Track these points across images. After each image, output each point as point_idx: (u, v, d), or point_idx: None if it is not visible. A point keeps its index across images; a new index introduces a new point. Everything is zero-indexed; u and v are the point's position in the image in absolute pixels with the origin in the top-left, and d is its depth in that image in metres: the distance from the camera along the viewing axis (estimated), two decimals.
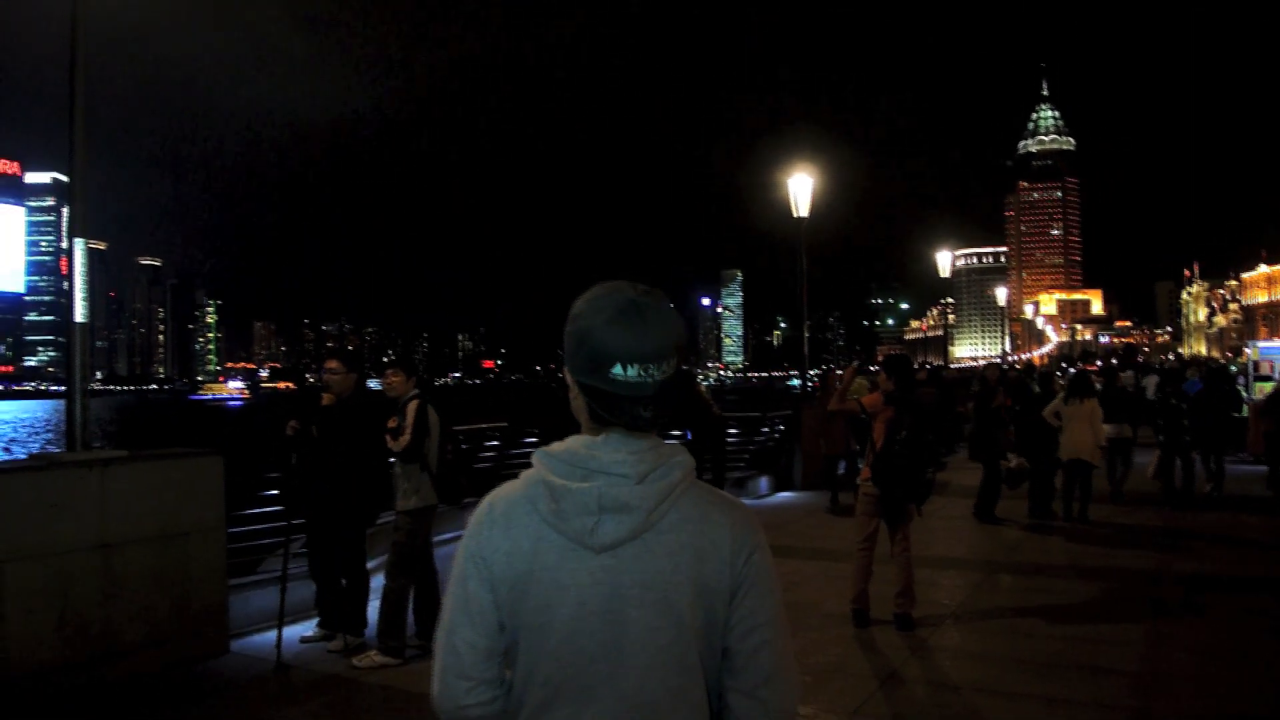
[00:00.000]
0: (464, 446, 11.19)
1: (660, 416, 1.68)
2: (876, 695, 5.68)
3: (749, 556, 1.69)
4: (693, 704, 1.67)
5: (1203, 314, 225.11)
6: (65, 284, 6.55)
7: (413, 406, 6.48)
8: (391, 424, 6.50)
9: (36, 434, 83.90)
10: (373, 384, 7.46)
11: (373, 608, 6.66)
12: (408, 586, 6.51)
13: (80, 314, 6.19)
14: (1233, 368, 29.70)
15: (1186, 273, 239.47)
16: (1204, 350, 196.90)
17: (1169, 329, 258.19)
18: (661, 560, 1.65)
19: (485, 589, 1.67)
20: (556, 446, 1.71)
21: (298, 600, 7.05)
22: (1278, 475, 13.14)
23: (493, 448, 12.53)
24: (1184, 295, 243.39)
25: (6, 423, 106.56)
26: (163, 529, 6.24)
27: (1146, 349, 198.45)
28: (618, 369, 1.63)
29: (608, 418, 1.67)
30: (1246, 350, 21.63)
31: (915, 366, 10.24)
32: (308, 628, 6.96)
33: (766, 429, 16.79)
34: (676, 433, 12.65)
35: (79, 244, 6.17)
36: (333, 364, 6.93)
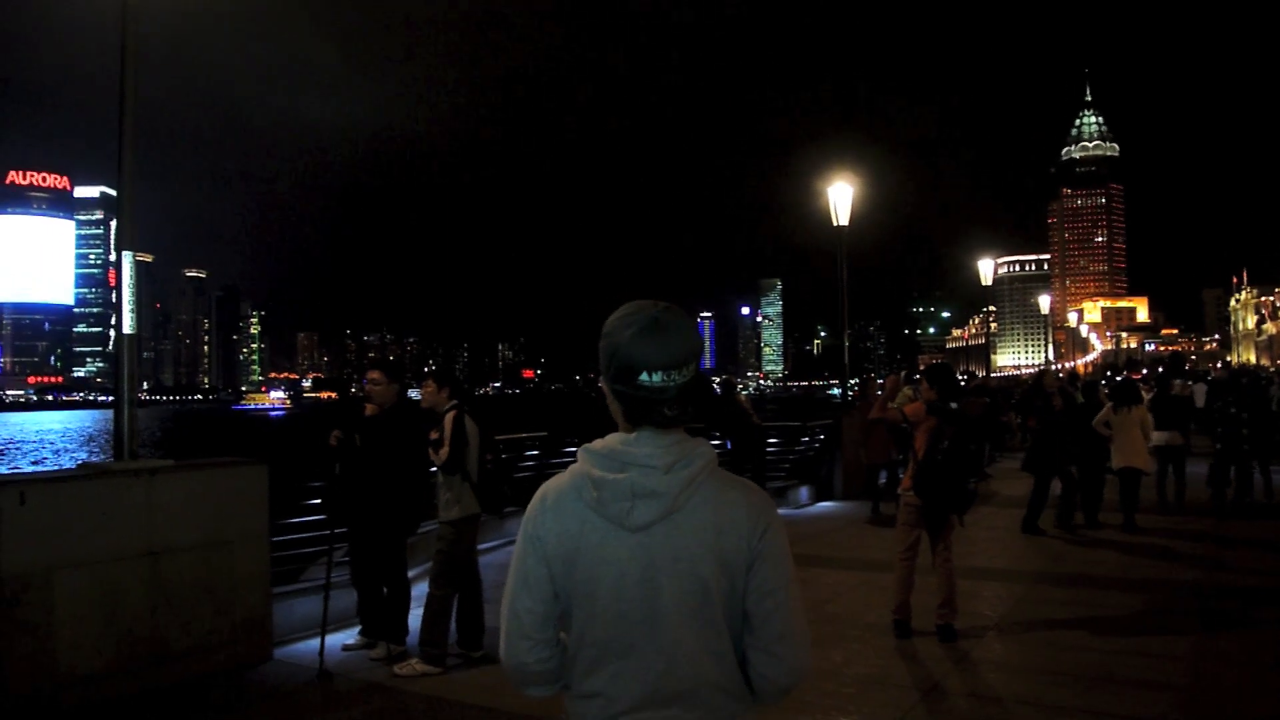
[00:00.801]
0: (504, 456, 11.26)
1: (683, 414, 1.99)
2: (918, 707, 5.63)
3: (763, 533, 2.00)
4: (719, 657, 1.99)
5: (1252, 321, 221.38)
6: (113, 296, 6.66)
7: (450, 418, 6.53)
8: (433, 435, 6.56)
9: (85, 443, 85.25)
10: (414, 394, 7.53)
11: (414, 616, 6.71)
12: (451, 595, 6.55)
13: (128, 325, 6.30)
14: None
15: (1235, 279, 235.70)
16: (1253, 358, 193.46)
17: (1216, 337, 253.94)
18: (688, 537, 1.96)
19: (541, 565, 2.01)
20: (597, 444, 2.02)
21: (340, 608, 7.13)
22: None
23: (532, 457, 12.59)
24: (1232, 302, 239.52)
25: (56, 432, 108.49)
26: (208, 537, 6.34)
27: (1194, 357, 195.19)
28: (644, 376, 1.95)
29: (638, 418, 1.99)
30: None
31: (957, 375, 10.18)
32: (350, 635, 7.03)
33: (807, 438, 16.72)
34: (716, 442, 12.64)
35: (127, 257, 6.28)
36: (375, 374, 7.00)
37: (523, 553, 2.04)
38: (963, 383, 27.84)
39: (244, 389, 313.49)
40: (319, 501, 8.16)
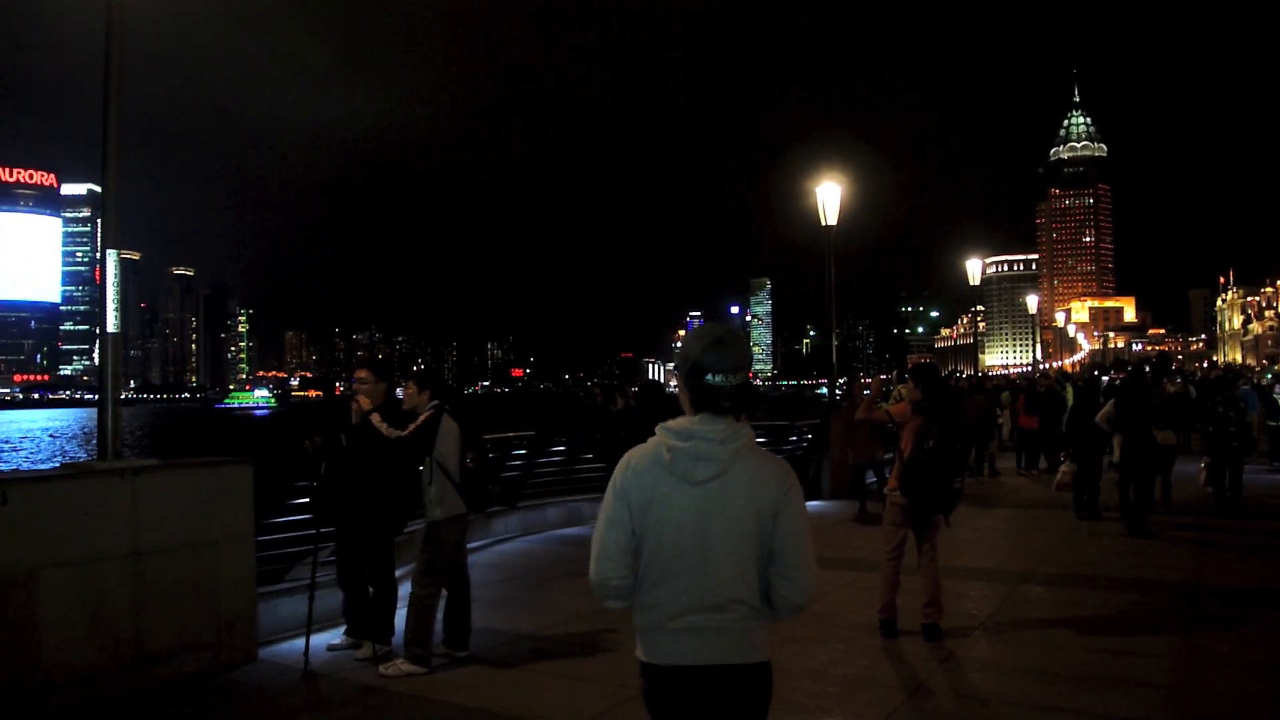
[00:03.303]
0: (491, 455, 11.24)
1: (736, 406, 2.79)
2: (904, 707, 5.64)
3: (787, 491, 2.80)
4: (747, 581, 2.76)
5: (1238, 321, 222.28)
6: (100, 294, 6.61)
7: (424, 416, 6.55)
8: (405, 431, 6.57)
9: (70, 442, 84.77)
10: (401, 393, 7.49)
11: (401, 616, 6.68)
12: (435, 595, 6.53)
13: (112, 324, 6.25)
14: (1268, 375, 29.20)
15: (1221, 280, 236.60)
16: (1239, 358, 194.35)
17: (1203, 336, 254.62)
18: (734, 491, 2.75)
19: (625, 509, 2.78)
20: (672, 423, 2.82)
21: (326, 608, 7.09)
22: None
23: (520, 456, 12.56)
24: (1219, 302, 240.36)
25: (42, 431, 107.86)
26: (193, 537, 6.31)
27: (1180, 357, 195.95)
28: (710, 376, 2.77)
29: (702, 406, 2.80)
30: None
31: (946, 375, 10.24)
32: (335, 635, 7.00)
33: (794, 438, 16.71)
34: None
35: (111, 255, 6.24)
36: (362, 373, 6.98)
37: (611, 500, 2.81)
38: (970, 380, 27.94)
39: (231, 387, 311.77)
40: (305, 501, 8.13)
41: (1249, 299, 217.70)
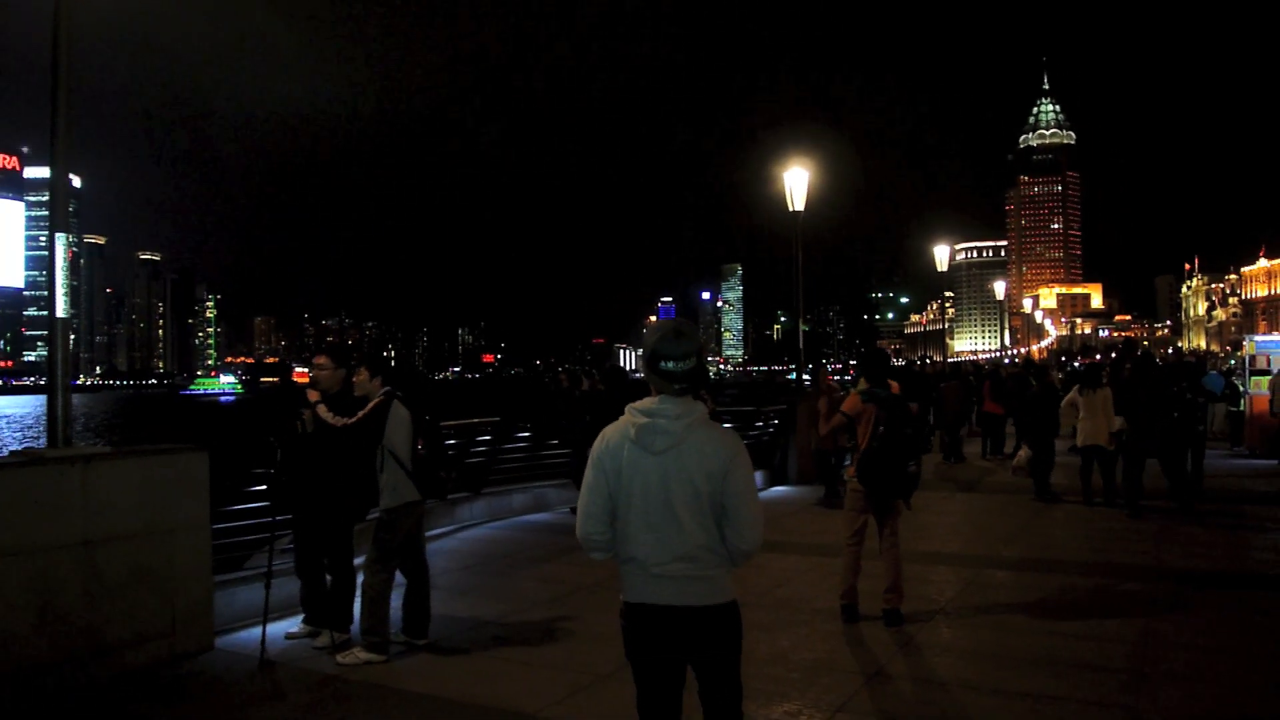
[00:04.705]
0: (451, 441, 11.16)
1: (688, 388, 3.33)
2: (862, 692, 5.64)
3: (733, 457, 3.33)
4: (708, 533, 3.30)
5: (1202, 308, 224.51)
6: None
7: (373, 404, 6.49)
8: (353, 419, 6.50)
9: (30, 430, 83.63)
10: None
11: (359, 604, 6.61)
12: (388, 582, 6.46)
13: (61, 309, 6.13)
14: (1231, 361, 29.55)
15: (1186, 267, 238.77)
16: (1203, 344, 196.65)
17: (1169, 323, 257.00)
18: (689, 459, 3.29)
19: (602, 477, 3.36)
20: (638, 404, 3.37)
21: (284, 596, 7.02)
22: None
23: (484, 442, 12.48)
24: (1184, 289, 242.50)
25: (3, 418, 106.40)
26: (147, 525, 6.22)
27: (1146, 343, 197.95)
28: (664, 363, 3.32)
29: (661, 389, 3.34)
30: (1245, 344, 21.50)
31: (920, 361, 10.29)
32: (294, 624, 6.93)
33: (761, 423, 16.72)
34: None
35: (60, 239, 6.11)
36: (321, 359, 6.89)
37: (591, 470, 3.40)
38: (933, 366, 27.99)
39: (199, 373, 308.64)
40: (263, 488, 8.02)
41: (1213, 286, 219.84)
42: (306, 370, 6.98)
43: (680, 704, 3.40)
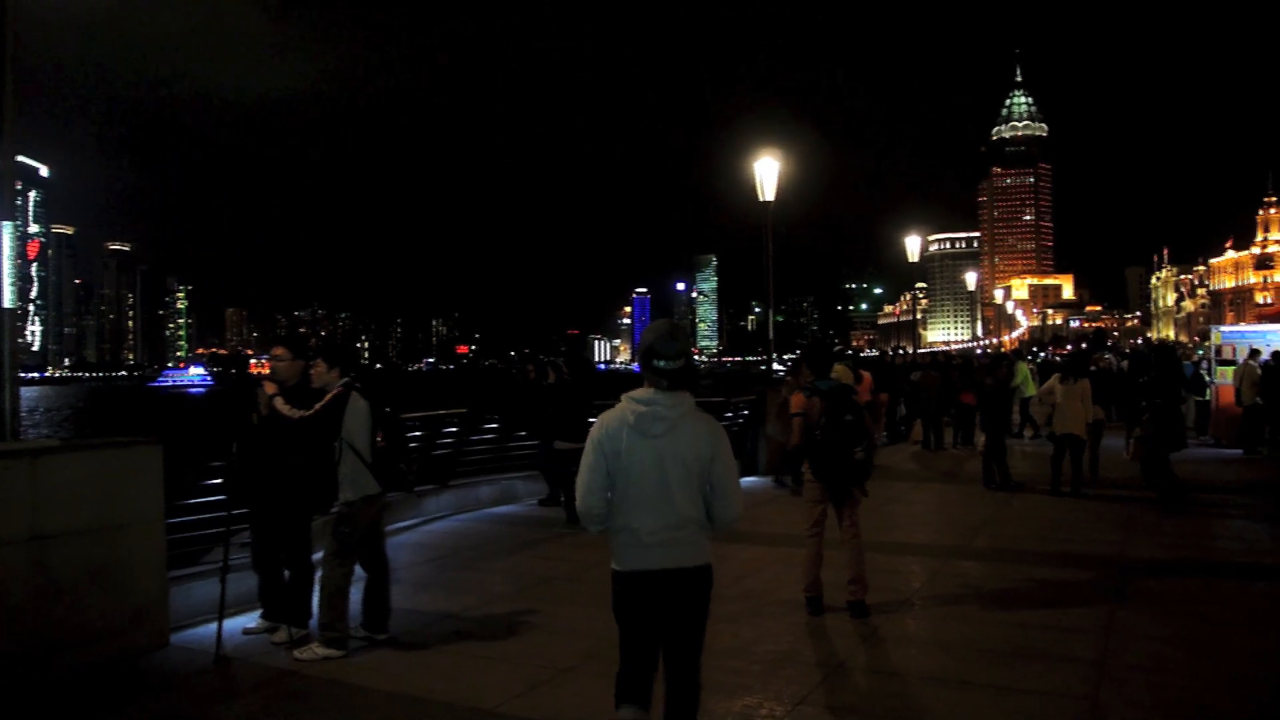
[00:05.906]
0: (417, 433, 11.05)
1: (678, 383, 3.84)
2: (823, 685, 5.61)
3: (718, 442, 3.89)
4: (697, 505, 3.84)
5: (1171, 299, 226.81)
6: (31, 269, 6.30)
7: (331, 395, 6.38)
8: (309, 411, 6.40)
9: None
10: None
11: (317, 599, 6.52)
12: (347, 576, 6.37)
13: (7, 299, 5.99)
14: (1199, 351, 29.80)
15: (1156, 258, 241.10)
16: (1172, 334, 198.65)
17: (1138, 314, 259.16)
18: (680, 443, 3.80)
19: (601, 458, 3.81)
20: (635, 393, 3.84)
21: (243, 592, 6.92)
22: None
23: (450, 434, 12.38)
24: (1153, 280, 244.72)
25: None
26: (99, 520, 6.09)
27: (1116, 333, 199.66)
28: (657, 361, 3.82)
29: (655, 383, 3.83)
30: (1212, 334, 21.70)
31: (892, 351, 10.28)
32: (252, 619, 6.82)
33: (730, 414, 16.66)
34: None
35: (7, 227, 5.97)
36: (279, 350, 6.79)
37: (590, 451, 3.85)
38: (901, 357, 28.02)
39: (169, 365, 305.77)
40: (220, 481, 7.89)
41: (1182, 277, 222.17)
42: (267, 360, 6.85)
43: (657, 658, 3.89)
